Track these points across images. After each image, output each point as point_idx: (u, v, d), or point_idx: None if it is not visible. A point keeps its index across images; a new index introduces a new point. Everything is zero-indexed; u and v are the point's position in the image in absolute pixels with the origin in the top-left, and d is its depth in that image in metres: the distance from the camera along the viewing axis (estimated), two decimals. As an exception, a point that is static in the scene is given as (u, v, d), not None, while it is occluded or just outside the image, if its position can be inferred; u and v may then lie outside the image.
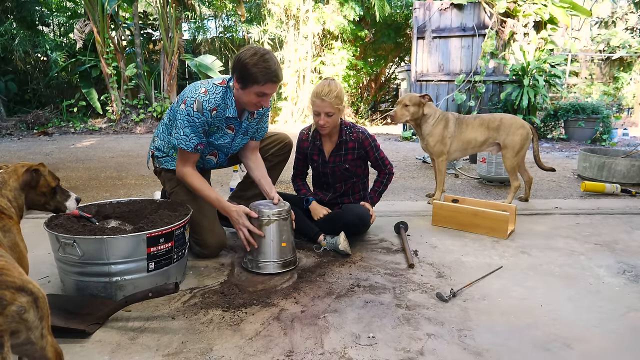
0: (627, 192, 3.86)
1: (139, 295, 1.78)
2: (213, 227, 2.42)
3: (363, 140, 2.63)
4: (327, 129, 2.55)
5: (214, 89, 2.23)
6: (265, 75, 2.10)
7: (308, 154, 2.76)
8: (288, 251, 2.27)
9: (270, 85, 2.14)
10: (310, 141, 2.73)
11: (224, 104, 2.26)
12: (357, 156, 2.66)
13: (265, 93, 2.17)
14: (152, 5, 12.57)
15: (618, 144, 7.29)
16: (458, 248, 2.59)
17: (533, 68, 7.31)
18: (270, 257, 2.23)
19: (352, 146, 2.63)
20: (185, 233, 2.13)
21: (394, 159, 5.98)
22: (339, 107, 2.48)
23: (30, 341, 1.07)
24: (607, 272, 2.26)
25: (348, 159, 2.65)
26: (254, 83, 2.12)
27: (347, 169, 2.66)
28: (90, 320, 1.74)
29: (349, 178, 2.71)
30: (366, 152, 2.65)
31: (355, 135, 2.62)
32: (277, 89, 2.23)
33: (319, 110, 2.48)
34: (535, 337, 1.67)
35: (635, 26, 13.43)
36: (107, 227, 2.14)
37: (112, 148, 7.08)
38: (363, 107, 11.92)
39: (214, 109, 2.21)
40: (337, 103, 2.45)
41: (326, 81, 2.51)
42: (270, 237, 2.22)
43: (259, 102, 2.21)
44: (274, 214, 2.22)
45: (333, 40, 10.81)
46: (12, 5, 10.22)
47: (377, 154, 2.67)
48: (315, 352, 1.57)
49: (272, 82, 2.14)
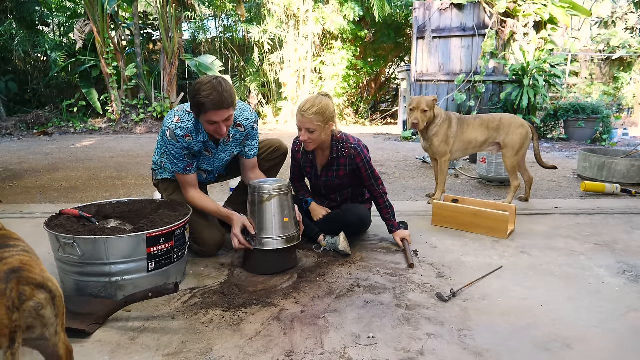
0: (627, 192, 3.86)
1: (139, 295, 1.78)
2: (211, 225, 2.44)
3: (355, 157, 2.52)
4: (311, 145, 2.46)
5: (186, 117, 2.26)
6: (207, 104, 2.05)
7: (301, 166, 2.72)
8: (291, 226, 2.27)
9: (214, 112, 2.07)
10: (303, 153, 2.66)
11: (196, 130, 2.27)
12: (350, 171, 2.58)
13: (214, 121, 2.11)
14: (152, 5, 12.57)
15: (618, 144, 7.29)
16: (458, 248, 2.59)
17: (533, 68, 7.30)
18: (274, 233, 2.21)
19: (343, 162, 2.56)
20: (185, 233, 2.14)
21: (394, 159, 5.98)
22: (320, 124, 2.37)
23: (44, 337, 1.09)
24: (607, 272, 2.26)
25: (340, 175, 2.60)
26: (200, 111, 2.11)
27: (339, 184, 2.64)
28: (90, 320, 1.74)
29: (343, 189, 2.69)
30: (358, 168, 2.55)
31: (347, 151, 2.52)
32: (226, 115, 2.12)
33: (299, 125, 2.42)
34: (535, 337, 1.67)
35: (635, 26, 13.43)
36: (107, 227, 2.14)
37: (112, 148, 7.08)
38: (363, 107, 11.93)
39: (186, 135, 2.25)
40: (318, 120, 2.35)
41: (314, 96, 2.43)
42: (272, 213, 2.21)
43: (215, 130, 2.18)
44: (275, 189, 2.20)
45: (333, 40, 10.81)
46: (12, 5, 10.22)
47: (370, 172, 2.55)
48: (315, 352, 1.57)
49: (215, 109, 2.07)
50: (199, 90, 2.06)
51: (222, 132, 2.18)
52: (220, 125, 2.14)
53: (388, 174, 4.98)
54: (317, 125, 2.37)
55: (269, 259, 2.24)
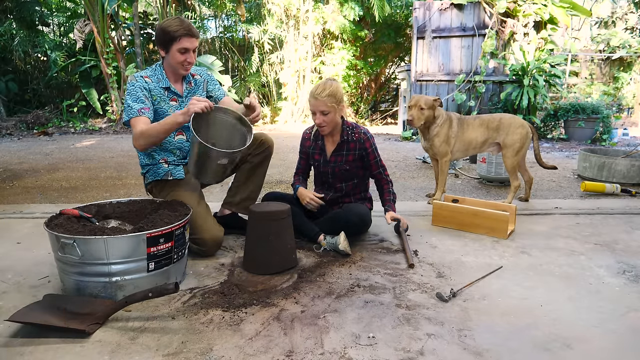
0: (627, 192, 3.86)
1: (139, 295, 1.77)
2: (206, 223, 2.42)
3: (365, 141, 2.63)
4: (326, 128, 2.56)
5: (141, 72, 2.48)
6: (179, 30, 2.30)
7: (310, 153, 2.77)
8: None
9: (187, 39, 2.32)
10: (313, 140, 2.75)
11: (155, 76, 2.45)
12: (358, 157, 2.66)
13: (186, 48, 2.34)
14: (152, 5, 12.58)
15: (618, 144, 7.29)
16: (458, 248, 2.59)
17: (533, 68, 7.31)
18: None
19: (353, 146, 2.64)
20: (185, 233, 2.13)
21: (394, 159, 5.98)
22: (334, 105, 2.49)
23: None
24: (607, 272, 2.26)
25: (349, 160, 2.65)
26: (172, 41, 2.32)
27: (347, 169, 2.66)
28: (90, 320, 1.73)
29: (350, 179, 2.71)
30: (367, 154, 2.65)
31: (357, 135, 2.63)
32: (195, 44, 2.37)
33: (313, 109, 2.52)
34: (535, 337, 1.67)
35: (635, 26, 13.43)
36: (107, 227, 2.13)
37: (112, 148, 7.08)
38: (363, 107, 11.92)
39: (145, 76, 2.42)
40: (331, 101, 2.47)
41: (323, 81, 2.54)
42: None
43: (184, 60, 2.37)
44: None
45: (333, 40, 10.82)
46: (12, 5, 10.22)
47: (378, 159, 2.68)
48: (315, 352, 1.57)
49: (188, 35, 2.32)
50: (169, 25, 2.31)
51: (192, 60, 2.39)
52: (190, 53, 2.36)
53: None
54: (330, 106, 2.48)
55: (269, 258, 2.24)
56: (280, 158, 5.76)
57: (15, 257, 2.47)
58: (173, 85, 2.49)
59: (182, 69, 2.41)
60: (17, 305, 1.90)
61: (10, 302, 1.95)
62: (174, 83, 2.50)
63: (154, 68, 2.48)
